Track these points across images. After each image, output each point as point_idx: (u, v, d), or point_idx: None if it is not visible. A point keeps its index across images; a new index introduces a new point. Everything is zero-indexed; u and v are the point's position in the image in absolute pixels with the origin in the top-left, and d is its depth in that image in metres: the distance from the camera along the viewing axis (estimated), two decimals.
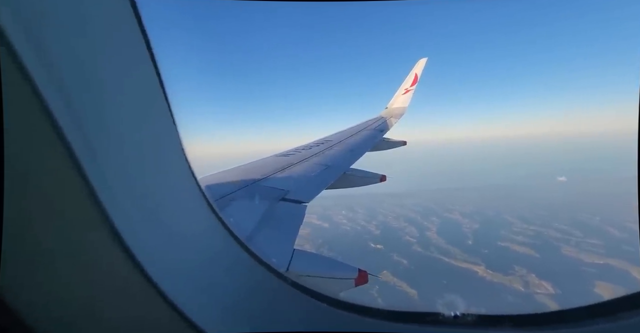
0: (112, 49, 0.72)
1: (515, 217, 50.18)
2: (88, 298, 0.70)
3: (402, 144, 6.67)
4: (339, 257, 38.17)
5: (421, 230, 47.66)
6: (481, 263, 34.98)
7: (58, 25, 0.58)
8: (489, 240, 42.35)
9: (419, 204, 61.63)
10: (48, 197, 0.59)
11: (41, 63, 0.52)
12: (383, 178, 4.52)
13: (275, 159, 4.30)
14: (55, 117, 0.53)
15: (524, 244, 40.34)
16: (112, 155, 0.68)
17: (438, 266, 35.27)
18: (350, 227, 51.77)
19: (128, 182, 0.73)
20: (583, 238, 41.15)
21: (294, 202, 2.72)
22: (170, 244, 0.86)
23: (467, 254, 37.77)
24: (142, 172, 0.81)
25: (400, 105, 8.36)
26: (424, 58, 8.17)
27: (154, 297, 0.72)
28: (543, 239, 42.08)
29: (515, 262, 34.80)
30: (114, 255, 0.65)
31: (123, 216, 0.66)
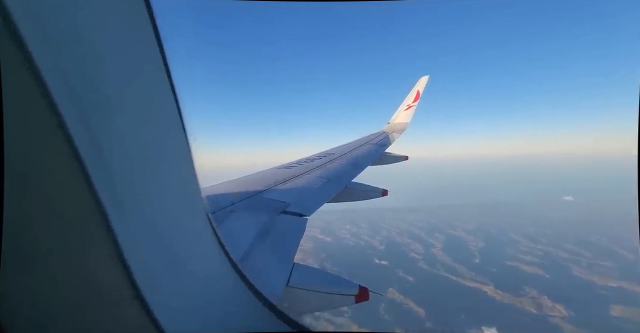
0: (124, 49, 0.70)
1: (521, 236, 48.89)
2: (75, 299, 0.69)
3: (404, 158, 6.65)
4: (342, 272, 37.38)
5: (426, 246, 46.39)
6: (490, 283, 33.50)
7: (69, 23, 0.57)
8: (496, 258, 40.94)
9: (422, 220, 60.53)
10: (50, 197, 0.59)
11: (50, 61, 0.50)
12: (385, 192, 4.49)
13: (276, 170, 4.26)
14: (62, 117, 0.52)
15: (532, 264, 38.89)
16: (117, 157, 0.67)
17: (445, 284, 33.80)
18: (354, 241, 50.61)
19: (131, 186, 0.72)
20: (594, 259, 39.68)
21: (295, 215, 2.66)
22: (165, 254, 0.84)
23: (474, 273, 36.34)
24: (146, 175, 0.78)
25: (402, 120, 8.49)
26: (426, 76, 8.33)
27: (137, 306, 0.72)
28: (552, 259, 40.62)
29: (525, 283, 33.30)
30: (107, 259, 0.65)
31: (122, 220, 0.65)
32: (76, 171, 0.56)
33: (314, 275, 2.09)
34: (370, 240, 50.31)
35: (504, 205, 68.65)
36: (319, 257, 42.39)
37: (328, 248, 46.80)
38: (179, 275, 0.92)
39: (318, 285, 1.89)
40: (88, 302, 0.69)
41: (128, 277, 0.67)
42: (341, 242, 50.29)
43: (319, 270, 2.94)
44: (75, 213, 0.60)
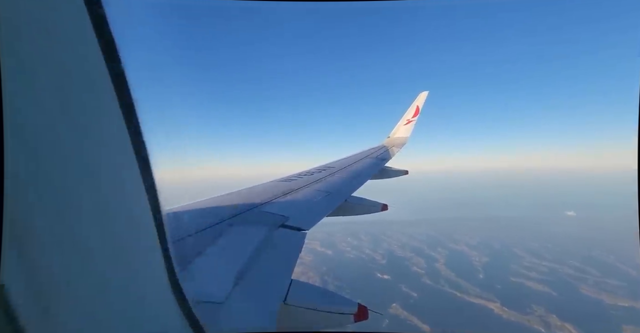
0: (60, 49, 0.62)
1: (525, 251, 47.88)
2: None
3: (404, 173, 6.60)
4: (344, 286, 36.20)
5: (429, 260, 45.30)
6: (496, 300, 32.32)
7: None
8: (500, 274, 39.81)
9: (423, 233, 59.57)
10: None
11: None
12: (384, 207, 4.43)
13: (276, 184, 4.21)
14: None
15: (538, 281, 37.75)
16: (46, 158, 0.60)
17: (451, 301, 32.60)
18: (355, 254, 49.50)
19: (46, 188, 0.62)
20: (600, 277, 38.60)
21: (294, 229, 2.60)
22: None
23: (479, 289, 35.18)
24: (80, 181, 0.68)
25: (402, 135, 8.50)
26: (425, 91, 8.42)
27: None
28: (558, 276, 39.50)
29: (532, 300, 32.13)
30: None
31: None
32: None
33: (313, 292, 2.03)
34: (371, 254, 49.22)
35: (506, 219, 67.80)
36: (320, 271, 41.24)
37: (329, 261, 45.68)
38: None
39: (316, 303, 1.81)
40: None
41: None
42: (342, 255, 49.18)
43: (317, 288, 2.83)
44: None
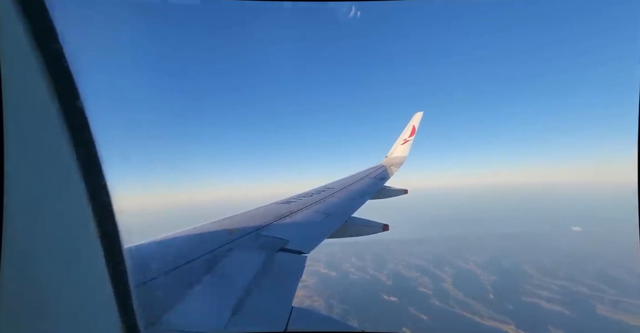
0: None
1: (534, 269, 46.08)
2: None
3: (404, 192, 6.57)
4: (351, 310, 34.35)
5: (436, 280, 43.41)
6: (511, 322, 30.42)
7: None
8: (511, 294, 37.92)
9: (428, 252, 57.73)
10: None
11: None
12: (385, 227, 4.37)
13: (275, 206, 4.16)
14: None
15: (552, 300, 35.88)
16: None
17: (462, 323, 30.67)
18: (359, 276, 47.55)
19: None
20: (617, 296, 36.82)
21: (294, 252, 2.53)
22: None
23: (491, 310, 33.32)
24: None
25: (399, 154, 8.53)
26: (420, 112, 8.64)
27: None
28: (571, 295, 37.59)
29: (549, 322, 30.25)
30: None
31: None
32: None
33: (315, 319, 1.94)
34: (376, 274, 47.32)
35: (512, 236, 66.08)
36: (325, 294, 39.30)
37: (333, 283, 43.75)
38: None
39: (318, 331, 1.72)
40: None
41: None
42: (346, 277, 47.23)
43: (319, 315, 2.74)
44: None
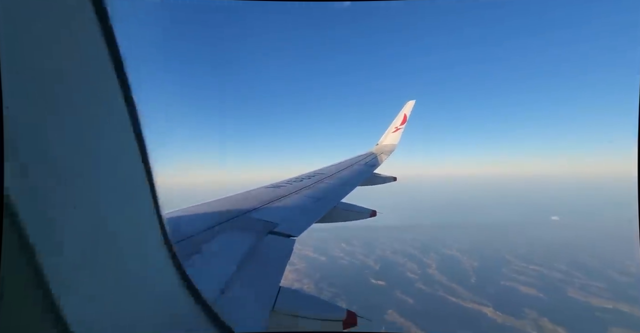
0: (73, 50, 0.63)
1: (513, 256, 48.57)
2: None
3: (393, 179, 6.66)
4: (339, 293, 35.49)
5: (422, 266, 45.19)
6: (489, 304, 32.34)
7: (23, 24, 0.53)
8: (492, 278, 40.04)
9: (415, 239, 59.68)
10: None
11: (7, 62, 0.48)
12: (373, 213, 4.44)
13: (265, 190, 4.17)
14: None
15: (528, 284, 38.18)
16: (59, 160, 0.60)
17: (445, 306, 32.24)
18: (348, 261, 48.88)
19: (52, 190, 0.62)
20: (587, 280, 39.54)
21: (283, 235, 2.58)
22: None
23: (472, 293, 35.20)
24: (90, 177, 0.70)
25: (390, 142, 8.59)
26: (412, 100, 8.62)
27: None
28: (546, 280, 40.14)
29: (524, 304, 32.33)
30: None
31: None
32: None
33: (301, 299, 2.00)
34: (364, 260, 48.76)
35: (494, 225, 68.89)
36: (314, 277, 40.34)
37: (322, 267, 44.87)
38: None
39: (305, 310, 1.80)
40: None
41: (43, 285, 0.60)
42: (335, 262, 48.47)
43: (306, 294, 2.81)
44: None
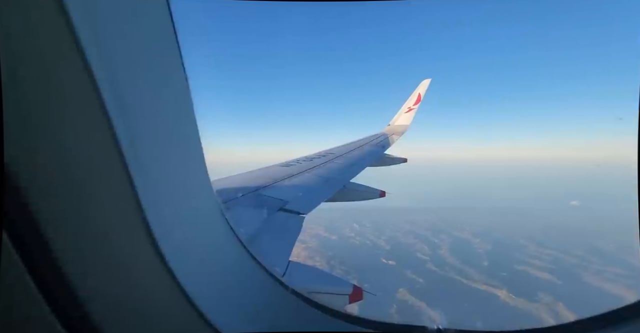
0: (150, 52, 0.72)
1: (528, 240, 47.76)
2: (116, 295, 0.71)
3: (403, 160, 6.57)
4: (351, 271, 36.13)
5: (433, 247, 45.25)
6: (502, 287, 32.37)
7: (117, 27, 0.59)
8: (504, 262, 39.72)
9: (426, 221, 59.40)
10: (98, 197, 0.60)
11: (102, 66, 0.52)
12: (382, 194, 4.43)
13: (276, 168, 4.20)
14: (109, 118, 0.54)
15: (542, 269, 37.72)
16: (148, 158, 0.68)
17: (457, 287, 32.49)
18: (359, 240, 49.48)
19: (161, 187, 0.73)
20: (603, 266, 38.67)
21: (293, 212, 2.64)
22: (190, 246, 0.88)
23: (484, 276, 35.21)
24: (170, 176, 0.79)
25: (402, 122, 8.40)
26: (428, 79, 8.21)
27: (177, 294, 0.75)
28: (561, 264, 39.56)
29: (538, 288, 32.10)
30: (147, 255, 0.68)
31: (157, 218, 0.67)
32: (120, 171, 0.58)
33: (309, 273, 2.04)
34: (375, 240, 49.20)
35: (509, 208, 67.45)
36: (326, 255, 41.17)
37: (334, 246, 45.65)
38: (204, 267, 0.93)
39: (312, 284, 1.84)
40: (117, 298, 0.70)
41: (165, 271, 0.70)
42: (347, 241, 49.18)
43: (314, 268, 2.90)
44: (120, 213, 0.62)
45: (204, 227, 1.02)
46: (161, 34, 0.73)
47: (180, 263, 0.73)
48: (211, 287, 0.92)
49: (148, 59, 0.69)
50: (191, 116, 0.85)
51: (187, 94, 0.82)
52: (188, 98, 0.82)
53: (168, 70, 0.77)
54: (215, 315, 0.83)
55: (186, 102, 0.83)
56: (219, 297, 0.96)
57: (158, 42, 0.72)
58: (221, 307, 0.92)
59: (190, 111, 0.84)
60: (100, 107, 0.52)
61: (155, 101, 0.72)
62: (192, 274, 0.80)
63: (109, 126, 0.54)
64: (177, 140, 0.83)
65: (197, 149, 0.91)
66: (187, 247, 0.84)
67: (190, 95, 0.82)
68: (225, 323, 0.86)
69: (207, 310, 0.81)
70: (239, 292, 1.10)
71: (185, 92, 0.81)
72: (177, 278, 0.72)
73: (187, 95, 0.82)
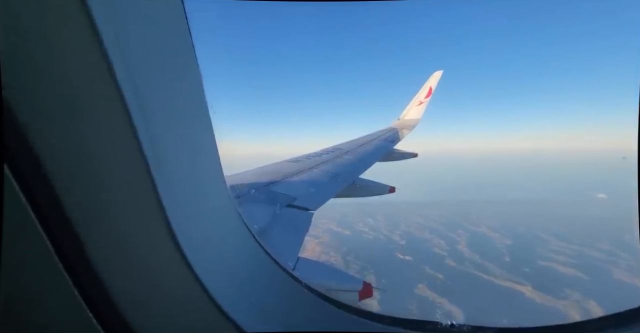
0: (165, 50, 0.74)
1: (550, 235, 45.89)
2: (138, 293, 0.73)
3: (413, 155, 6.45)
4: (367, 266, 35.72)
5: (450, 242, 44.13)
6: (526, 284, 31.21)
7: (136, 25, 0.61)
8: (527, 257, 38.28)
9: (441, 215, 57.94)
10: (118, 193, 0.62)
11: (123, 66, 0.54)
12: (392, 189, 4.44)
13: (285, 164, 4.17)
14: (131, 119, 0.56)
15: (568, 265, 36.15)
16: (166, 155, 0.69)
17: (478, 283, 31.56)
18: (373, 235, 48.84)
19: (179, 184, 0.75)
20: (634, 261, 36.68)
21: (301, 209, 2.64)
22: (208, 244, 0.90)
23: (506, 272, 34.06)
24: (188, 174, 0.82)
25: (413, 116, 8.24)
26: (440, 71, 7.90)
27: (198, 291, 0.77)
28: (587, 260, 37.80)
29: (565, 285, 30.76)
30: (168, 252, 0.70)
31: (177, 215, 0.69)
32: (141, 169, 0.60)
33: (318, 269, 2.06)
34: (389, 235, 48.43)
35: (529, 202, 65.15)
36: (341, 251, 40.80)
37: (347, 241, 45.22)
38: (221, 264, 0.95)
39: (321, 280, 1.82)
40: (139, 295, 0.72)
41: (187, 269, 0.72)
42: (360, 236, 48.64)
43: (323, 265, 2.78)
44: (140, 210, 0.64)
45: (220, 224, 1.02)
46: (176, 35, 0.74)
47: (199, 261, 0.75)
48: (230, 284, 0.93)
49: (165, 59, 0.70)
50: (206, 114, 0.87)
51: (201, 93, 0.83)
52: (202, 96, 0.84)
53: (183, 69, 0.78)
54: (236, 313, 0.84)
55: (201, 100, 0.84)
56: (238, 294, 0.95)
57: (174, 42, 0.74)
58: (241, 305, 0.92)
59: (205, 109, 0.86)
60: (122, 107, 0.54)
61: (173, 100, 0.73)
62: (212, 272, 0.81)
63: (130, 125, 0.56)
64: (193, 138, 0.84)
65: (212, 146, 0.92)
66: (205, 245, 0.84)
67: (204, 93, 0.84)
68: (246, 320, 0.87)
69: (229, 308, 0.82)
70: (257, 289, 1.10)
71: (200, 91, 0.83)
72: (198, 276, 0.74)
73: (202, 94, 0.84)
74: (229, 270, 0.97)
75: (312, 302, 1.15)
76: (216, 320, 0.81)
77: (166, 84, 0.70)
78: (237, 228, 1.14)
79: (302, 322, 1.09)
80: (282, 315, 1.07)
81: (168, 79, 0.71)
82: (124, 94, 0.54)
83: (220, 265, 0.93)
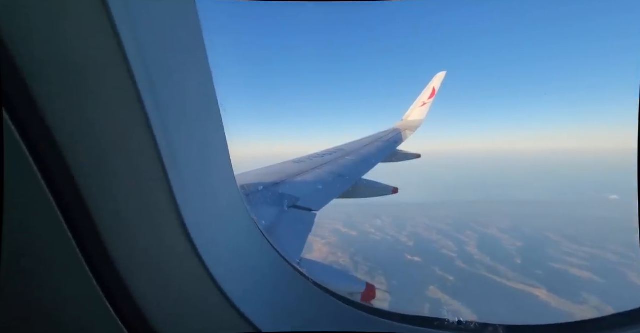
0: (177, 50, 0.75)
1: (561, 236, 45.05)
2: (155, 293, 0.75)
3: (417, 156, 6.46)
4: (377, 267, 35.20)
5: (458, 244, 43.47)
6: (541, 286, 30.56)
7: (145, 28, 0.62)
8: (538, 259, 37.57)
9: (447, 216, 57.24)
10: (135, 194, 0.64)
11: (140, 66, 0.56)
12: (395, 190, 4.40)
13: (288, 165, 4.18)
14: (148, 119, 0.57)
15: (582, 267, 35.43)
16: (180, 155, 0.70)
17: (490, 285, 30.97)
18: (380, 236, 48.34)
19: (192, 183, 0.76)
20: None
21: (304, 209, 2.63)
22: (221, 243, 0.91)
23: (519, 274, 33.40)
24: (201, 174, 0.83)
25: (416, 117, 8.21)
26: (443, 71, 7.84)
27: (213, 290, 0.79)
28: (601, 262, 36.98)
29: (581, 288, 30.08)
30: (183, 252, 0.71)
31: (191, 215, 0.70)
32: (157, 170, 0.62)
33: (321, 271, 2.03)
34: (396, 236, 47.90)
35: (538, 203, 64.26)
36: (349, 252, 40.38)
37: (354, 242, 44.78)
38: (235, 264, 0.96)
39: (325, 281, 1.73)
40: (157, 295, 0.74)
41: (203, 270, 0.74)
42: (367, 237, 48.16)
43: (325, 266, 2.75)
44: (156, 209, 0.66)
45: (233, 224, 1.03)
46: (190, 36, 0.76)
47: (214, 260, 0.77)
48: (244, 284, 0.93)
49: (178, 59, 0.72)
50: (217, 115, 0.88)
51: (212, 93, 0.84)
52: (214, 97, 0.85)
53: (196, 69, 0.80)
54: (252, 312, 0.85)
55: (212, 101, 0.86)
56: (253, 293, 0.96)
57: (187, 43, 0.75)
58: (255, 304, 0.92)
59: (216, 109, 0.87)
60: (140, 107, 0.56)
61: (186, 101, 0.74)
62: (226, 271, 0.83)
63: (147, 125, 0.57)
64: (206, 137, 0.85)
65: (223, 146, 0.93)
66: (219, 245, 0.85)
67: (216, 94, 0.85)
68: (261, 319, 0.88)
69: (244, 308, 0.84)
70: (271, 289, 1.09)
71: (211, 91, 0.84)
72: (213, 275, 0.75)
73: (213, 94, 0.85)
74: (242, 270, 0.98)
75: (323, 301, 1.15)
76: (232, 319, 0.81)
77: (180, 85, 0.71)
78: (248, 228, 1.13)
79: (313, 320, 1.08)
80: (295, 314, 1.07)
81: (181, 79, 0.72)
82: (142, 95, 0.55)
83: (234, 265, 0.93)
